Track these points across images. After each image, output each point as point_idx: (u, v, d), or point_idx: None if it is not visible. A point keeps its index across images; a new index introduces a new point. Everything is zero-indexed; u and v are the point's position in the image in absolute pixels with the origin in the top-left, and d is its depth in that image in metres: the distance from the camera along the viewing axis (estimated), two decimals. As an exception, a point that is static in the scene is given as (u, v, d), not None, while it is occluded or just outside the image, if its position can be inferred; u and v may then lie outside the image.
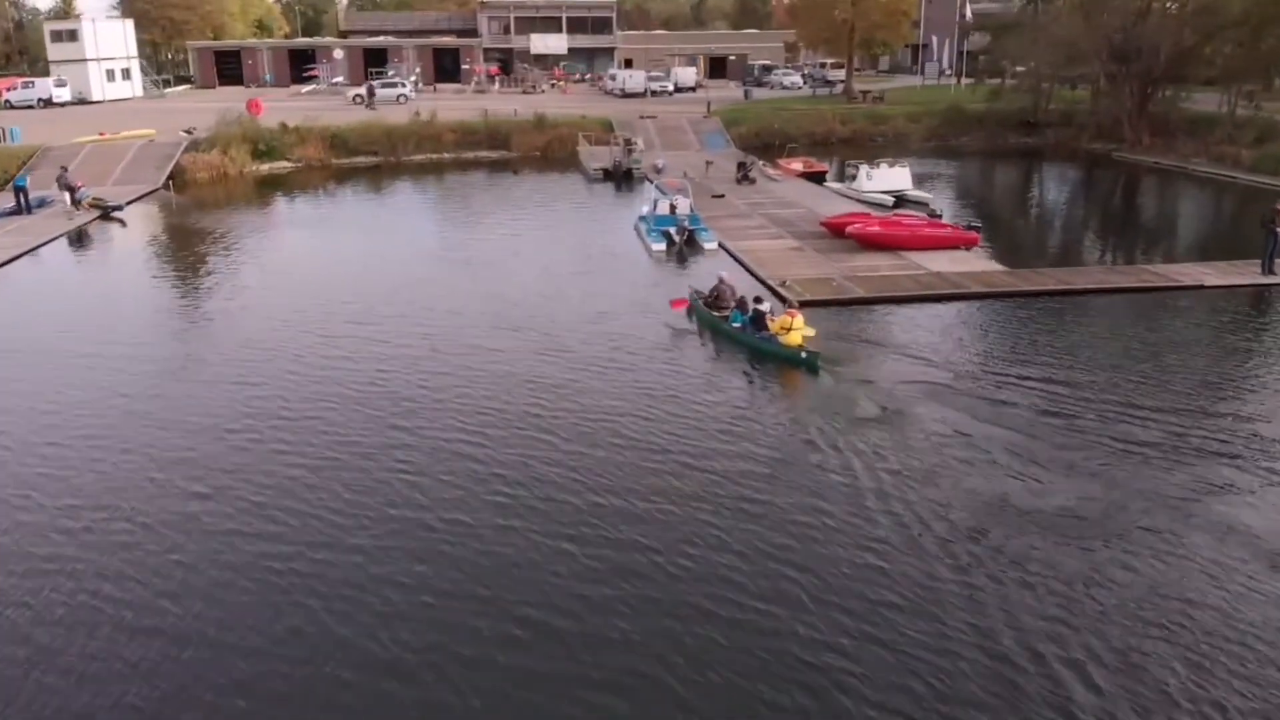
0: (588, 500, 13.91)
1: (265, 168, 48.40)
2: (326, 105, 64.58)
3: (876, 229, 27.81)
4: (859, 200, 36.86)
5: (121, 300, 26.45)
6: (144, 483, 14.81)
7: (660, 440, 15.80)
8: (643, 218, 32.33)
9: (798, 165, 44.73)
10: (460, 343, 21.13)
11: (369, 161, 50.95)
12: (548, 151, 53.37)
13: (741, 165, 41.95)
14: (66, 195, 36.86)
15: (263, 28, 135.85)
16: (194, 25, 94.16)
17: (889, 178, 37.16)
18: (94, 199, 37.64)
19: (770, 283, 24.68)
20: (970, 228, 28.44)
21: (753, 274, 26.03)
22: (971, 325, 22.10)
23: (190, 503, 14.14)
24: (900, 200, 36.29)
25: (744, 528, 13.08)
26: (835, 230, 29.33)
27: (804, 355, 18.93)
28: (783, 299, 22.91)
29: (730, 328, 20.76)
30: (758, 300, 20.80)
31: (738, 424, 16.42)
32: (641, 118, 58.15)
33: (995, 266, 26.39)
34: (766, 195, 38.41)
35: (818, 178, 43.47)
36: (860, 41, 68.46)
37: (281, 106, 63.17)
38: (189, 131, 49.73)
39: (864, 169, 37.53)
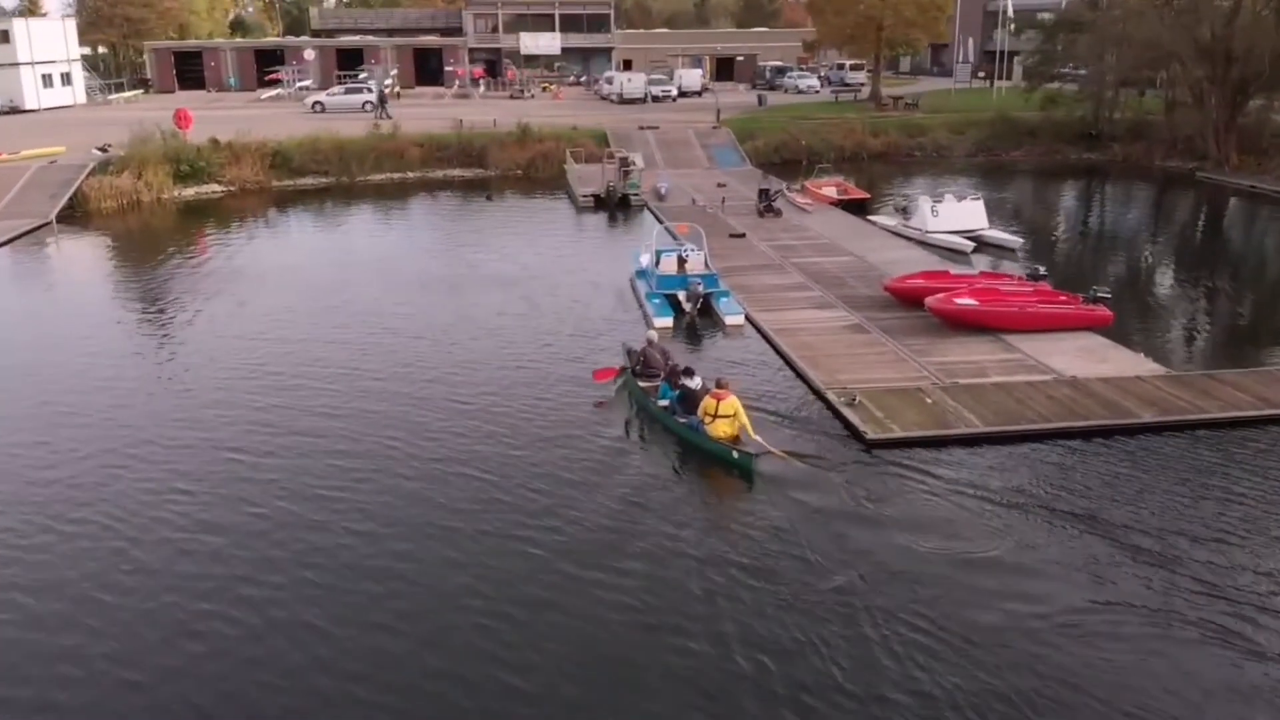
0: None
1: (190, 192, 40.35)
2: (286, 114, 56.58)
3: (973, 304, 19.69)
4: (922, 243, 28.84)
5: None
6: None
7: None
8: (641, 273, 24.30)
9: (831, 190, 36.63)
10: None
11: (317, 183, 42.93)
12: (530, 170, 45.34)
13: (764, 193, 33.86)
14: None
15: (243, 27, 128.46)
16: (153, 24, 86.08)
17: (960, 214, 29.13)
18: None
19: (827, 392, 16.63)
20: (1097, 299, 20.31)
21: (798, 372, 18.00)
22: (1161, 484, 13.99)
23: None
24: (977, 244, 28.32)
25: None
26: (905, 298, 21.32)
27: (735, 455, 14.39)
28: (717, 383, 15.30)
29: (655, 406, 16.26)
30: (687, 372, 16.18)
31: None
32: (641, 128, 50.13)
33: (1146, 364, 18.24)
34: (799, 234, 30.30)
35: (857, 207, 35.39)
36: (888, 41, 60.28)
37: (232, 116, 55.23)
38: (104, 149, 41.68)
39: (926, 203, 29.44)
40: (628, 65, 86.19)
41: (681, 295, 22.17)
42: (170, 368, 19.76)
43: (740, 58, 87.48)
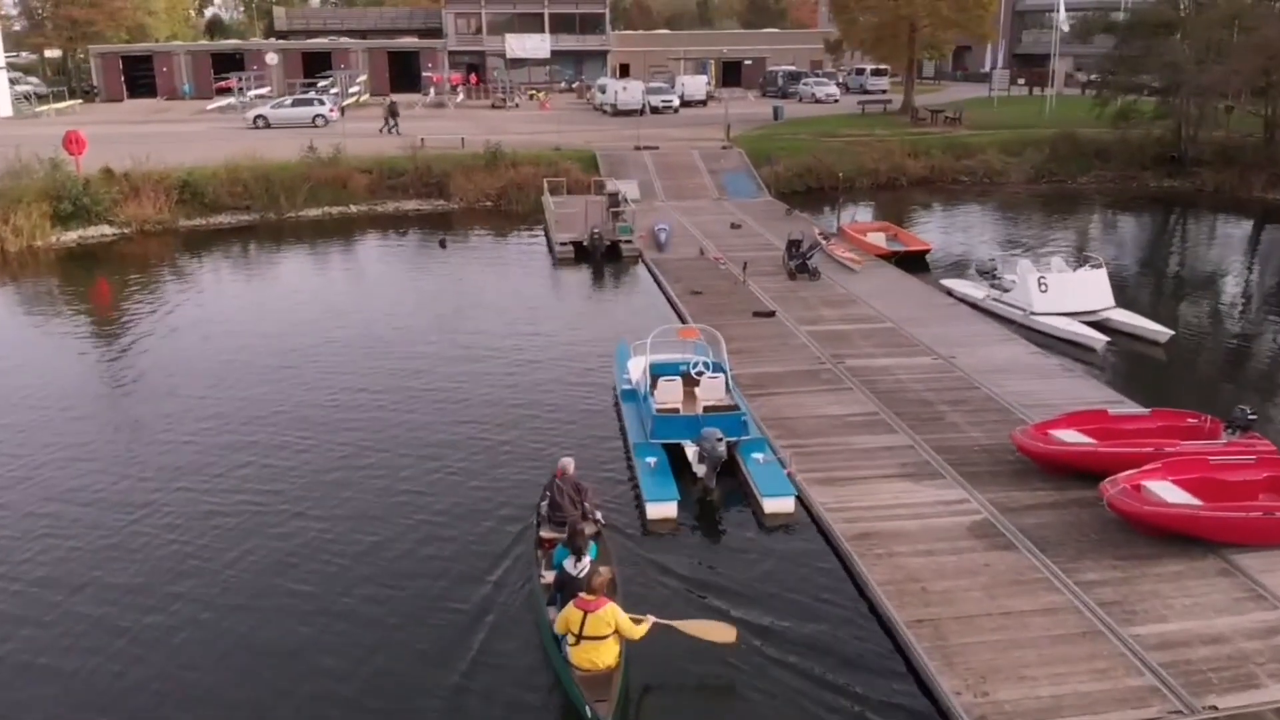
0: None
1: (72, 237, 32.23)
2: (225, 129, 48.51)
3: (1188, 504, 11.57)
4: (1025, 326, 20.75)
5: None
6: None
7: None
8: (629, 394, 16.23)
9: (879, 238, 28.49)
10: None
11: (236, 222, 34.80)
12: (502, 202, 37.29)
13: (794, 246, 25.75)
14: None
15: (220, 29, 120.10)
16: (101, 26, 77.81)
17: (1077, 289, 21.04)
18: None
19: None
20: (1246, 424, 12.50)
21: (908, 657, 9.93)
22: None
23: None
24: (1103, 328, 20.24)
25: None
26: (1049, 464, 13.28)
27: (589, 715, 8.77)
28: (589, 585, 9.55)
29: (537, 580, 11.10)
30: (575, 547, 10.23)
31: None
32: (637, 149, 42.04)
33: None
34: (848, 310, 22.16)
35: (916, 261, 27.31)
36: (923, 43, 52.20)
37: (161, 132, 47.34)
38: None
39: (1030, 273, 21.25)
40: (624, 70, 78.29)
41: (690, 451, 14.06)
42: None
43: (748, 61, 79.39)
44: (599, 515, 12.09)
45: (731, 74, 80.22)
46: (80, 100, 68.74)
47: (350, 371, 19.38)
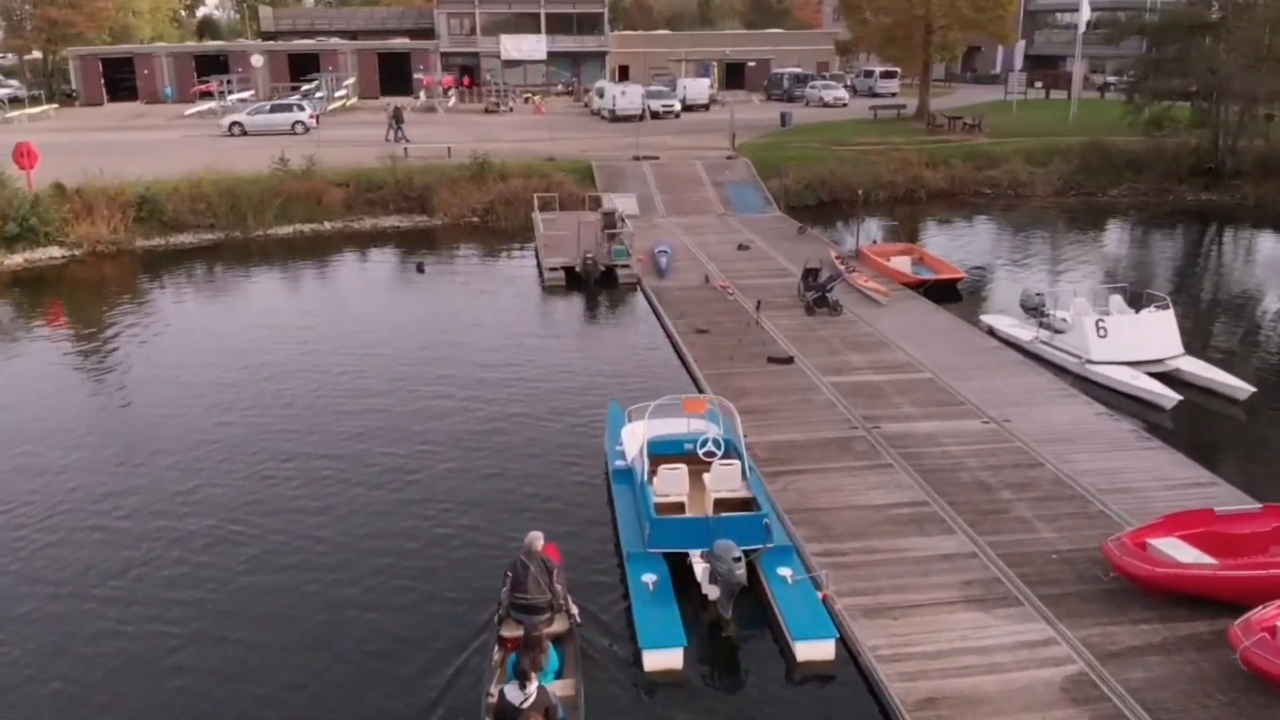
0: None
1: (18, 260, 29.40)
2: (199, 137, 45.72)
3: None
4: (1083, 378, 17.93)
5: None
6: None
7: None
8: (622, 475, 13.42)
9: (903, 263, 25.63)
10: None
11: (199, 241, 31.98)
12: (490, 217, 34.48)
13: (812, 276, 22.93)
14: None
15: (213, 29, 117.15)
16: (81, 27, 74.87)
17: (1141, 334, 18.18)
18: None
19: None
20: None
21: None
22: None
23: None
24: (1170, 381, 17.40)
25: None
26: (1152, 588, 10.50)
27: None
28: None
29: (485, 700, 9.00)
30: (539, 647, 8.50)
31: None
32: (636, 158, 39.22)
33: None
34: (877, 355, 19.30)
35: (946, 291, 24.48)
36: (938, 44, 49.34)
37: (133, 141, 44.67)
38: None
39: (1087, 316, 18.43)
40: (623, 72, 75.52)
41: (698, 566, 11.22)
42: None
43: (752, 63, 76.54)
44: (574, 608, 10.07)
45: (735, 76, 77.36)
46: (57, 105, 65.78)
47: (292, 431, 16.60)
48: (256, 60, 68.47)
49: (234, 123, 45.78)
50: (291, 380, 19.19)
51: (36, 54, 79.21)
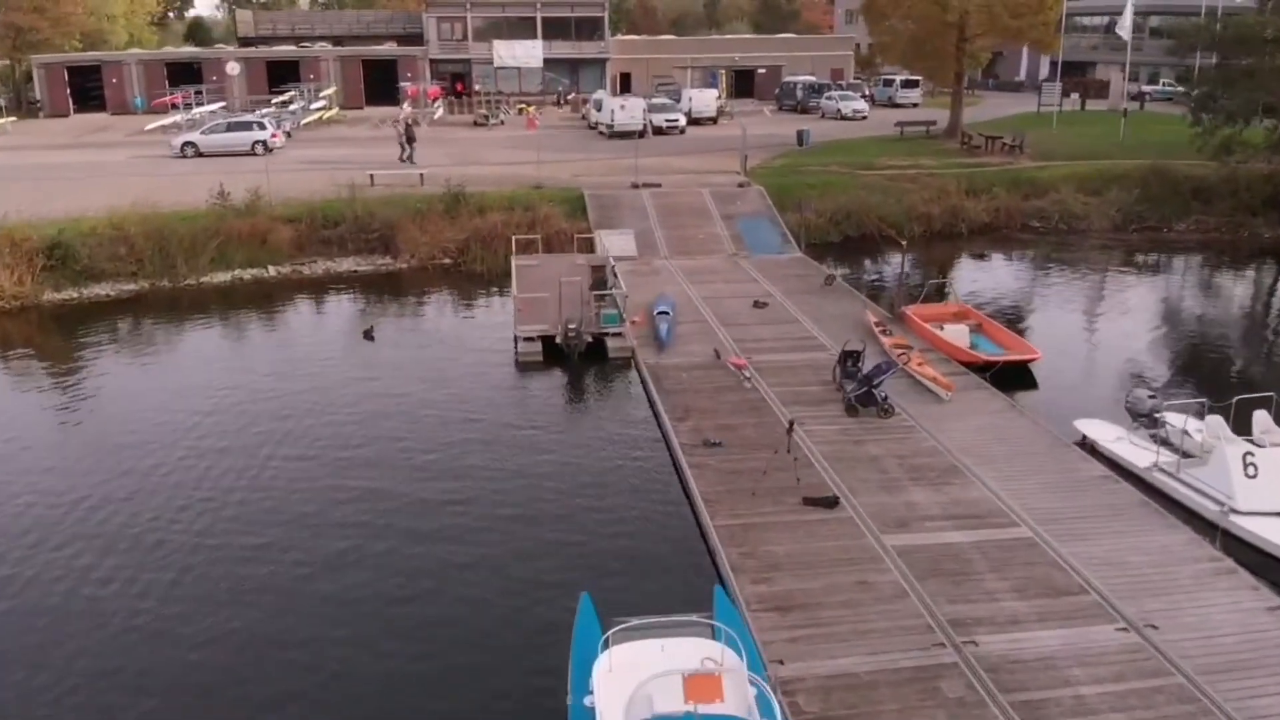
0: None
1: (-105, 318, 24.70)
2: (146, 159, 40.90)
3: None
4: (1229, 534, 13.03)
5: None
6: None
7: None
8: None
9: (958, 333, 20.67)
10: None
11: (119, 293, 27.12)
12: (464, 259, 29.65)
13: (852, 359, 18.05)
14: None
15: (201, 32, 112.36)
16: (47, 33, 70.19)
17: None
18: None
19: None
20: None
21: None
22: None
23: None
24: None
25: None
26: None
27: None
28: None
29: None
30: None
31: None
32: (635, 186, 34.35)
33: None
34: (952, 497, 14.31)
35: (1019, 375, 19.53)
36: (972, 53, 44.44)
37: (76, 163, 39.83)
38: None
39: (1231, 444, 13.48)
40: (624, 80, 70.60)
41: None
42: None
43: (762, 70, 71.54)
44: None
45: (743, 85, 72.39)
46: (15, 118, 61.02)
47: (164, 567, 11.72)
48: (233, 68, 63.58)
49: (186, 143, 40.90)
50: (155, 498, 14.35)
51: (4, 61, 74.85)
